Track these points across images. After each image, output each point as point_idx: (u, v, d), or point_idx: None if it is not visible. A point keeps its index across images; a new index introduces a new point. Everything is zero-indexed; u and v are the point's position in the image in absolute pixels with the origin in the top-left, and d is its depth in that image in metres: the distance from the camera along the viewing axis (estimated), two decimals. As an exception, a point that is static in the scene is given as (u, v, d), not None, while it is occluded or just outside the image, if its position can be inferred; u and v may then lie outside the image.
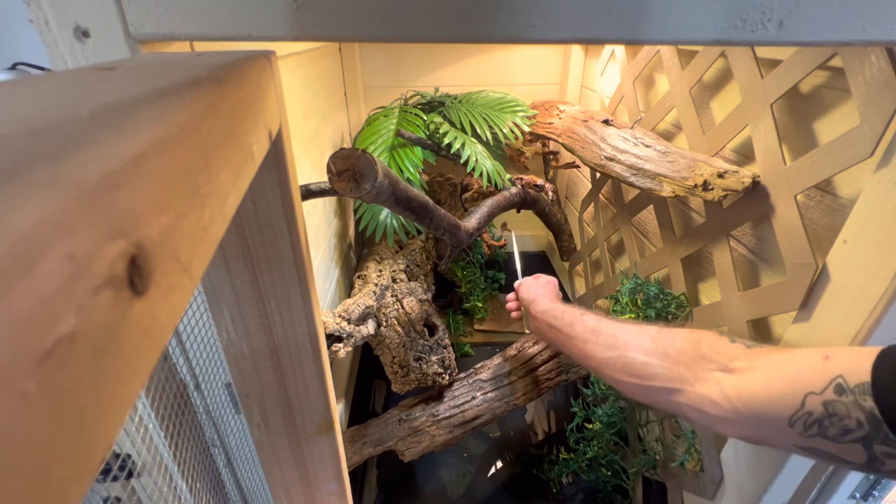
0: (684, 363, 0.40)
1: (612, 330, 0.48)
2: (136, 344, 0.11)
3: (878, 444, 0.28)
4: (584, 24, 0.32)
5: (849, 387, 0.29)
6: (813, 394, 0.30)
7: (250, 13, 0.32)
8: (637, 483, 0.96)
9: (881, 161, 0.46)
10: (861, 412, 0.28)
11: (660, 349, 0.42)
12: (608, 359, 0.46)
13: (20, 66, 0.49)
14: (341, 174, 0.59)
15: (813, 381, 0.31)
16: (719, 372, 0.38)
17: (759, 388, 0.34)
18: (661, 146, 0.83)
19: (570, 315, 0.56)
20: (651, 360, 0.42)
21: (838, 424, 0.29)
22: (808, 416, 0.30)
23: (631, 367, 0.44)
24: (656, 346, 0.43)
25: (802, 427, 0.31)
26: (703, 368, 0.39)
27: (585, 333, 0.51)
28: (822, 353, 0.32)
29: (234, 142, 0.20)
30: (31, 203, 0.08)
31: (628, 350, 0.44)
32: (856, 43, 0.32)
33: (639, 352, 0.44)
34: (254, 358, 0.39)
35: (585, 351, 0.50)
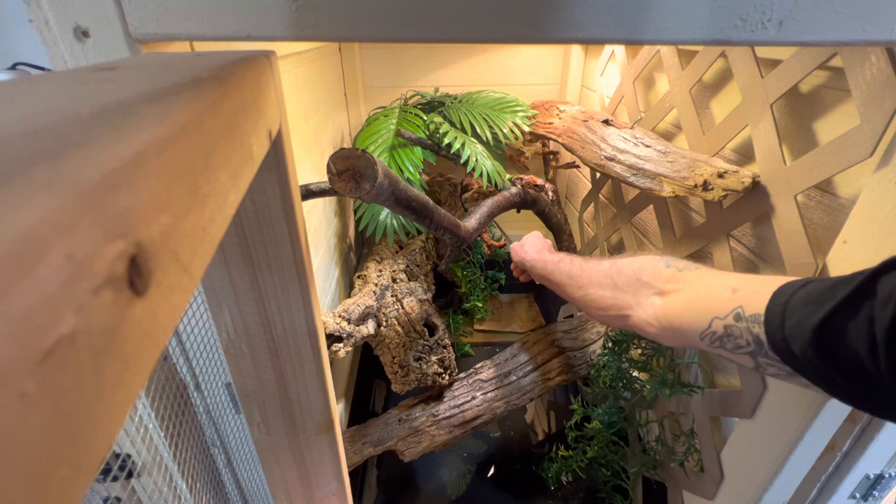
0: (629, 291, 0.48)
1: (579, 272, 0.56)
2: (136, 344, 0.11)
3: (760, 357, 0.36)
4: (584, 24, 0.32)
5: (744, 316, 0.37)
6: (717, 318, 0.39)
7: (250, 13, 0.32)
8: (637, 483, 0.96)
9: (881, 161, 0.46)
10: (750, 335, 0.36)
11: (611, 282, 0.50)
12: (580, 297, 0.55)
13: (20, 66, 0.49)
14: (341, 174, 0.59)
15: (719, 308, 0.39)
16: (654, 296, 0.46)
17: (679, 310, 0.43)
18: (661, 146, 0.83)
19: (552, 264, 0.64)
20: (605, 294, 0.50)
21: (733, 342, 0.38)
22: (713, 335, 0.39)
23: (594, 302, 0.52)
24: (608, 279, 0.51)
25: (709, 341, 0.40)
26: (643, 294, 0.47)
27: (563, 279, 0.59)
28: (732, 286, 0.39)
29: (234, 142, 0.20)
30: (31, 203, 0.08)
31: (591, 287, 0.53)
32: (856, 43, 0.32)
33: (598, 287, 0.52)
34: (254, 358, 0.39)
35: (567, 294, 0.58)
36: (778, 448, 0.56)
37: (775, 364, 0.36)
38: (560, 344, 1.06)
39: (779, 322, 0.34)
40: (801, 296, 0.34)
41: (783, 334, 0.34)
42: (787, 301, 0.34)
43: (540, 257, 0.70)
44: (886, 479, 0.55)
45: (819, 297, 0.32)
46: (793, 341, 0.33)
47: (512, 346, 1.08)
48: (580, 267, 0.57)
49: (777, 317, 0.34)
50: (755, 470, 0.61)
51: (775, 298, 0.35)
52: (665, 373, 0.78)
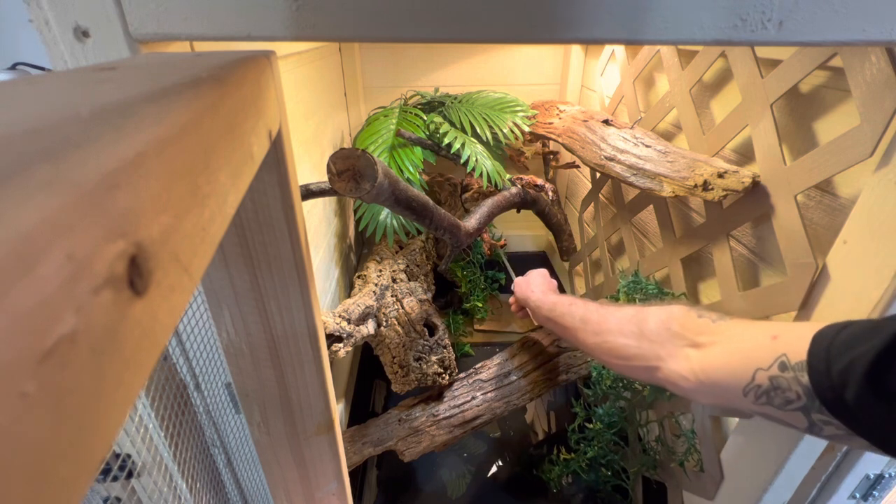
0: (658, 343, 0.44)
1: (596, 317, 0.53)
2: (136, 344, 0.11)
3: (814, 412, 0.32)
4: (584, 24, 0.32)
5: (790, 364, 0.33)
6: (761, 370, 0.35)
7: (250, 13, 0.32)
8: (637, 483, 0.96)
9: (881, 161, 0.46)
10: (799, 386, 0.32)
11: (637, 331, 0.47)
12: (596, 344, 0.51)
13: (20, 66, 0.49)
14: (341, 174, 0.59)
15: (762, 358, 0.35)
16: (688, 348, 0.42)
17: (719, 363, 0.39)
18: (661, 146, 0.83)
19: (561, 306, 0.61)
20: (629, 342, 0.47)
21: (782, 396, 0.34)
22: (758, 388, 0.35)
23: (614, 350, 0.48)
24: (634, 328, 0.47)
25: (754, 396, 0.36)
26: (674, 345, 0.43)
27: (575, 323, 0.55)
28: (772, 333, 0.36)
29: (234, 142, 0.20)
30: (31, 203, 0.08)
31: (610, 334, 0.49)
32: (856, 43, 0.32)
33: (619, 335, 0.48)
34: (254, 358, 0.39)
35: (578, 339, 0.55)
36: (778, 448, 0.57)
37: (832, 421, 0.31)
38: (560, 344, 1.06)
39: (824, 368, 0.31)
40: (845, 337, 0.31)
41: (831, 381, 0.30)
42: (829, 344, 0.31)
43: (547, 298, 0.67)
44: (886, 479, 0.55)
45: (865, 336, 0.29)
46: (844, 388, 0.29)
47: (512, 346, 1.08)
48: (596, 312, 0.53)
49: (822, 361, 0.31)
50: (755, 470, 0.61)
51: (817, 342, 0.32)
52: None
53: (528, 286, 0.73)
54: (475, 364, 1.06)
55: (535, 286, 0.73)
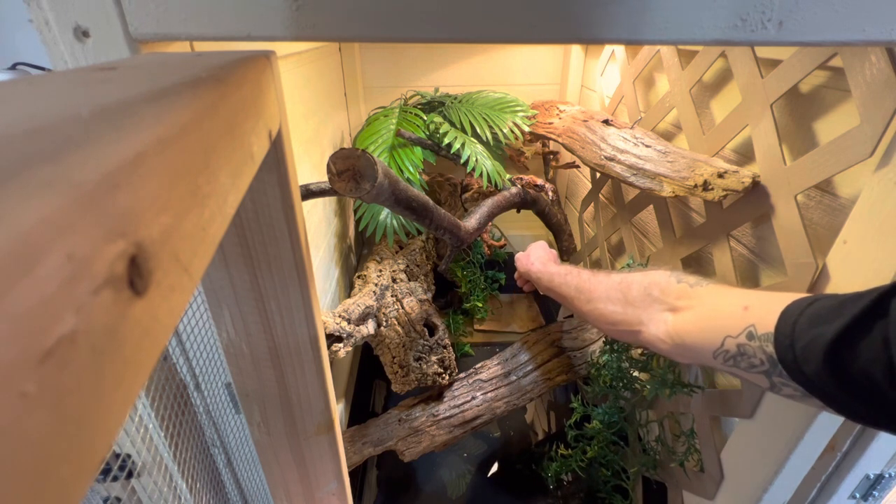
0: (640, 307, 0.48)
1: (588, 285, 0.56)
2: (136, 344, 0.11)
3: (775, 376, 0.36)
4: (584, 24, 0.32)
5: (757, 335, 0.36)
6: (730, 337, 0.38)
7: (250, 13, 0.32)
8: (637, 483, 0.96)
9: (881, 161, 0.46)
10: (763, 354, 0.36)
11: (622, 297, 0.50)
12: (588, 311, 0.55)
13: (20, 66, 0.49)
14: (341, 174, 0.59)
15: (732, 326, 0.38)
16: (666, 312, 0.45)
17: (692, 328, 0.42)
18: (661, 146, 0.83)
19: (559, 277, 0.64)
20: (616, 309, 0.50)
21: (747, 361, 0.37)
22: (726, 353, 0.39)
23: (603, 316, 0.52)
24: (619, 294, 0.50)
25: (723, 360, 0.39)
26: (654, 310, 0.46)
27: (571, 292, 0.59)
28: (743, 303, 0.39)
29: (234, 142, 0.20)
30: (31, 203, 0.08)
31: (600, 301, 0.52)
32: (856, 43, 0.32)
33: (607, 302, 0.51)
34: (254, 358, 0.39)
35: (574, 307, 0.58)
36: (778, 448, 0.56)
37: (790, 384, 0.35)
38: (560, 344, 1.06)
39: (788, 343, 0.34)
40: (810, 315, 0.33)
41: (794, 355, 0.33)
42: (795, 321, 0.34)
43: (546, 269, 0.69)
44: (886, 479, 0.55)
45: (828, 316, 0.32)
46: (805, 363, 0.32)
47: (512, 346, 1.08)
48: (588, 280, 0.56)
49: (787, 337, 0.34)
50: (755, 470, 0.61)
51: (784, 318, 0.35)
52: (665, 373, 0.78)
53: (528, 259, 0.75)
54: (475, 364, 1.06)
55: (534, 258, 0.74)
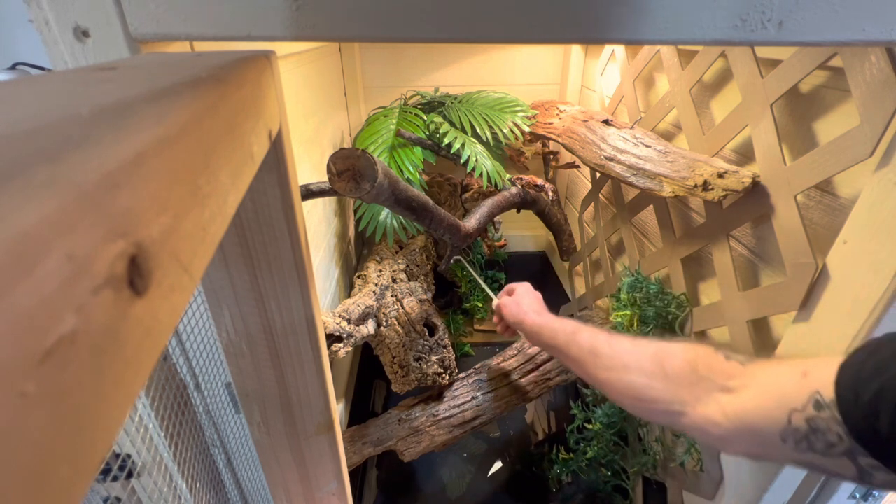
0: (685, 385, 0.40)
1: (609, 350, 0.47)
2: (137, 344, 0.11)
3: (860, 456, 0.28)
4: (584, 24, 0.32)
5: (825, 402, 0.30)
6: (796, 411, 0.31)
7: (250, 13, 0.32)
8: (637, 483, 0.96)
9: (881, 161, 0.46)
10: (839, 426, 0.29)
11: (659, 370, 0.42)
12: (608, 380, 0.46)
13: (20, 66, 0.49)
14: (341, 174, 0.59)
15: (795, 397, 0.32)
16: (718, 392, 0.38)
17: (751, 406, 0.35)
18: (661, 146, 0.83)
19: (564, 334, 0.54)
20: (652, 383, 0.42)
21: (822, 439, 0.30)
22: (796, 433, 0.31)
23: (632, 390, 0.43)
24: (655, 367, 0.42)
25: (794, 443, 0.32)
26: (702, 389, 0.39)
27: (583, 354, 0.50)
28: (801, 369, 0.33)
29: (234, 142, 0.20)
30: (31, 203, 0.08)
31: (628, 372, 0.44)
32: (856, 43, 0.32)
33: (639, 374, 0.43)
34: (254, 358, 0.39)
35: (586, 372, 0.49)
36: (778, 448, 0.56)
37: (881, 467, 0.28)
38: (560, 344, 1.06)
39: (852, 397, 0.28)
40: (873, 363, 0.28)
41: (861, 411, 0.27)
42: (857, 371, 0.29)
43: (546, 323, 0.58)
44: (886, 479, 0.55)
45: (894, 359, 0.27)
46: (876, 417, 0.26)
47: (512, 346, 1.08)
48: (608, 344, 0.48)
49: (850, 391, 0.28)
50: (755, 470, 0.61)
51: (844, 370, 0.29)
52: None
53: (520, 307, 0.64)
54: (475, 364, 1.06)
55: (527, 306, 0.64)
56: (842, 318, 0.50)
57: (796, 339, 0.57)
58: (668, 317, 0.85)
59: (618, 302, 0.94)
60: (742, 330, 0.70)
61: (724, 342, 0.78)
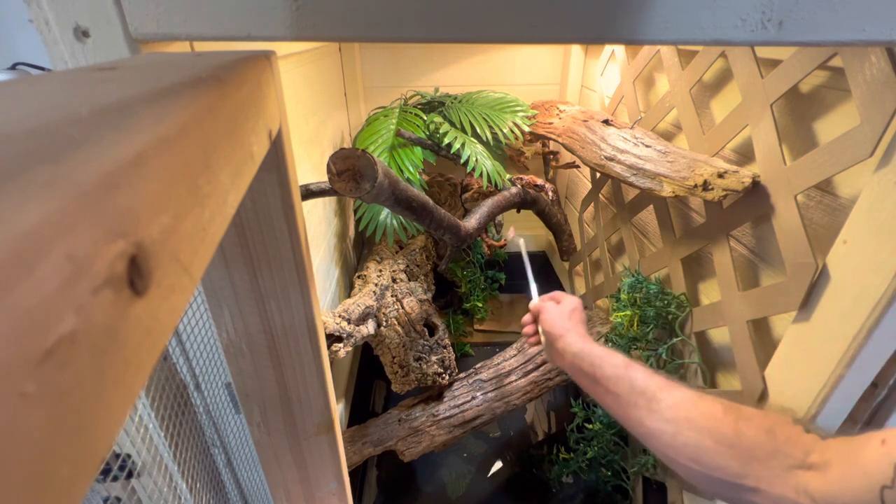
0: (760, 458, 0.35)
1: (668, 398, 0.41)
2: (137, 344, 0.11)
3: None
4: (584, 24, 0.32)
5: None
6: (887, 487, 0.28)
7: (250, 13, 0.32)
8: (637, 483, 0.96)
9: (881, 161, 0.46)
10: None
11: (730, 435, 0.37)
12: (662, 432, 0.40)
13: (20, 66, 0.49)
14: (341, 174, 0.59)
15: (880, 471, 0.29)
16: (798, 469, 0.34)
17: (838, 488, 0.31)
18: (661, 146, 0.83)
19: (612, 367, 0.46)
20: (719, 448, 0.37)
21: None
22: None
23: (694, 451, 0.38)
24: (726, 429, 0.37)
25: None
26: (780, 465, 0.34)
27: (633, 396, 0.43)
28: (880, 438, 0.30)
29: (234, 142, 0.20)
30: (31, 203, 0.08)
31: (690, 427, 0.38)
32: (856, 43, 0.32)
33: (704, 434, 0.38)
34: (254, 358, 0.39)
35: (630, 414, 0.43)
36: (778, 448, 0.56)
37: None
38: (560, 344, 1.06)
39: None
40: None
41: None
42: None
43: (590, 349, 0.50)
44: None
45: None
46: None
47: (512, 346, 1.08)
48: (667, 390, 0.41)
49: None
50: (755, 470, 0.61)
51: None
52: (670, 372, 0.78)
53: (565, 321, 0.56)
54: (475, 364, 1.06)
55: (572, 322, 0.56)
56: (842, 318, 0.50)
57: (796, 339, 0.57)
58: (668, 317, 0.85)
59: (618, 302, 0.94)
60: (742, 330, 0.70)
61: (725, 343, 0.78)
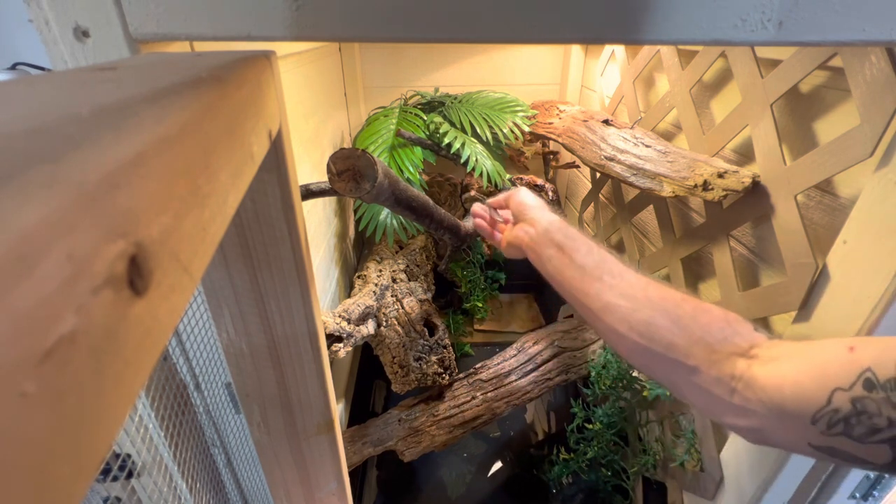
0: (708, 342, 0.35)
1: (634, 279, 0.40)
2: (136, 344, 0.11)
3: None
4: (584, 24, 0.32)
5: (879, 382, 0.26)
6: (840, 389, 0.27)
7: (250, 13, 0.32)
8: (637, 483, 0.96)
9: (881, 161, 0.46)
10: (894, 410, 0.26)
11: (684, 317, 0.36)
12: (619, 307, 0.39)
13: (20, 66, 0.49)
14: (341, 174, 0.59)
15: (839, 374, 0.28)
16: (741, 358, 0.33)
17: (784, 381, 0.30)
18: (661, 146, 0.83)
19: (587, 244, 0.44)
20: (672, 327, 0.36)
21: (867, 423, 0.27)
22: (834, 414, 0.28)
23: (647, 327, 0.37)
24: (682, 312, 0.37)
25: (826, 425, 0.28)
26: (725, 350, 0.34)
27: (600, 271, 0.41)
28: (847, 344, 0.29)
29: (234, 142, 0.20)
30: (31, 203, 0.08)
31: (649, 306, 0.38)
32: (856, 43, 0.32)
33: (660, 313, 0.37)
34: (254, 358, 0.39)
35: (591, 288, 0.41)
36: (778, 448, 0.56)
37: None
38: (560, 344, 1.06)
39: None
40: None
41: None
42: None
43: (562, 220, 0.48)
44: (886, 479, 0.55)
45: None
46: None
47: (512, 347, 1.08)
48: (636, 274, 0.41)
49: None
50: (755, 470, 0.61)
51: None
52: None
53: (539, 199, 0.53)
54: (475, 364, 1.06)
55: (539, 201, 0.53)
56: (842, 318, 0.50)
57: (796, 339, 0.57)
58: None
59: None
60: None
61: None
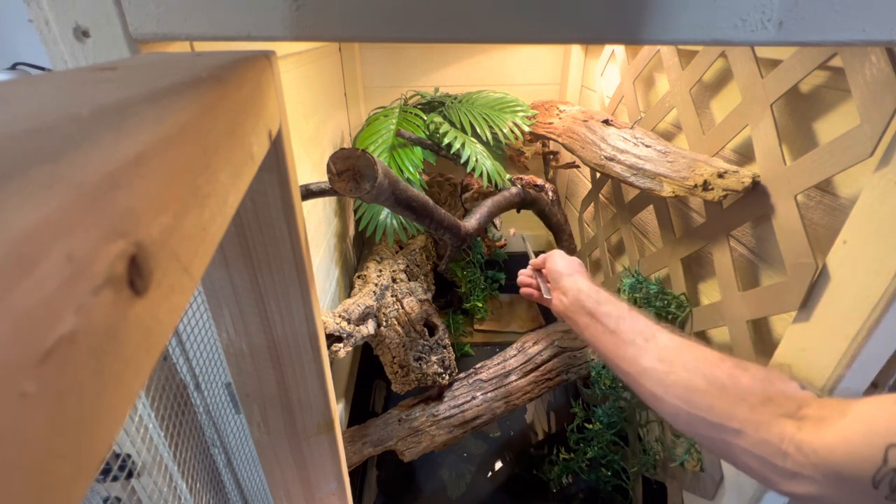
0: (750, 403, 0.34)
1: (668, 341, 0.41)
2: (137, 344, 0.11)
3: None
4: (584, 24, 0.32)
5: None
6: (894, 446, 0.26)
7: (250, 13, 0.32)
8: (637, 483, 0.96)
9: (881, 161, 0.46)
10: None
11: (723, 378, 0.36)
12: (655, 370, 0.39)
13: (20, 66, 0.49)
14: (341, 174, 0.59)
15: (890, 429, 0.26)
16: (789, 419, 0.32)
17: (835, 442, 0.29)
18: (661, 146, 0.83)
19: (618, 307, 0.46)
20: (711, 390, 0.36)
21: None
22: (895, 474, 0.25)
23: (684, 391, 0.37)
24: (720, 373, 0.37)
25: (889, 488, 0.25)
26: (770, 412, 0.33)
27: (633, 335, 0.42)
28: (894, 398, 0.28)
29: (234, 142, 0.20)
30: (31, 203, 0.08)
31: (685, 369, 0.38)
32: (856, 43, 0.32)
33: (698, 375, 0.37)
34: (254, 358, 0.39)
35: (626, 354, 0.42)
36: (778, 448, 0.56)
37: None
38: (560, 344, 1.06)
39: None
40: None
41: None
42: None
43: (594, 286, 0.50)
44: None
45: None
46: None
47: (512, 346, 1.08)
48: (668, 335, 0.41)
49: None
50: (755, 470, 0.61)
51: None
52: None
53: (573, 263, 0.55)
54: (475, 364, 1.06)
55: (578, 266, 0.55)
56: (842, 318, 0.50)
57: (796, 339, 0.57)
58: (668, 317, 0.85)
59: (618, 302, 0.94)
60: (742, 330, 0.70)
61: (725, 342, 0.78)
